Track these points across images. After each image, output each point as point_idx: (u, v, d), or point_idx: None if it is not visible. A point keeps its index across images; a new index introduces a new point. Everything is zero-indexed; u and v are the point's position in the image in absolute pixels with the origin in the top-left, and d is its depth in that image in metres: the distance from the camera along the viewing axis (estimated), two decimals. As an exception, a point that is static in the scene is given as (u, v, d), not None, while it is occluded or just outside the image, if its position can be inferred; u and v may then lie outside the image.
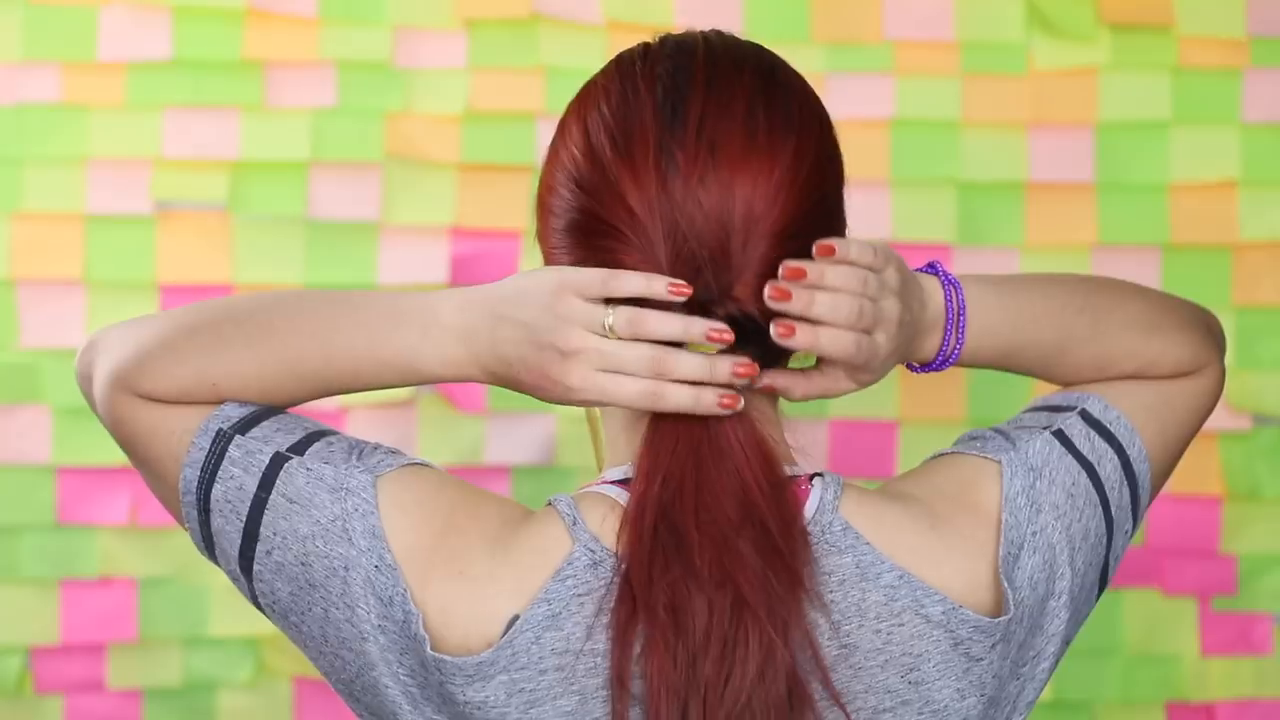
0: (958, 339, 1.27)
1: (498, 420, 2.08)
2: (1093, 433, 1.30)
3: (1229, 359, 2.08)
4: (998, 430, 1.31)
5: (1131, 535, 1.33)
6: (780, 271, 1.20)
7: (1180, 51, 2.09)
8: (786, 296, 1.19)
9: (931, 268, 1.28)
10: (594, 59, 2.08)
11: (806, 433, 2.07)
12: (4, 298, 2.07)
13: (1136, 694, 2.09)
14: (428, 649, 1.18)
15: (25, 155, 2.08)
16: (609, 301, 1.19)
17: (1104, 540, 1.29)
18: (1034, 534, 1.24)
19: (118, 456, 2.06)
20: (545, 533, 1.21)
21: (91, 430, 2.06)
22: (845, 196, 1.27)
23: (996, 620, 1.21)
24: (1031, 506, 1.25)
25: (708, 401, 1.19)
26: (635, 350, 1.19)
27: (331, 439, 1.25)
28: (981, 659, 1.22)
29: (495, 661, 1.18)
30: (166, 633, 2.08)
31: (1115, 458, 1.29)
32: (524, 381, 1.21)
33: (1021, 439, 1.28)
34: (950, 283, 1.27)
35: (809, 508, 1.21)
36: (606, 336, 1.19)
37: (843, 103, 2.08)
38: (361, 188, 2.08)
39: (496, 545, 1.20)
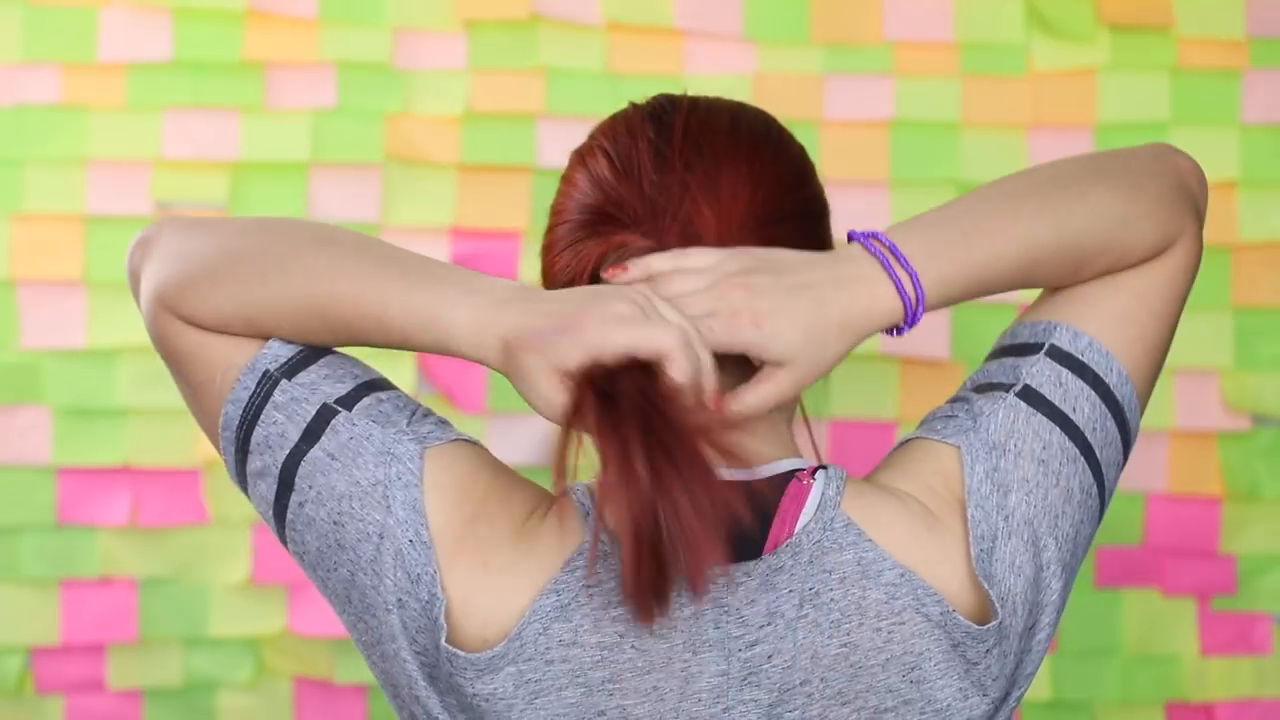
0: (910, 276, 1.23)
1: (498, 420, 2.08)
2: (1064, 372, 1.28)
3: (1228, 360, 2.10)
4: (966, 401, 1.29)
5: (1125, 462, 1.31)
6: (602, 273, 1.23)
7: (1180, 52, 2.09)
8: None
9: (849, 238, 1.25)
10: (594, 59, 2.10)
11: (805, 433, 2.08)
12: (4, 298, 2.07)
13: (1136, 694, 2.10)
14: (443, 639, 1.18)
15: (25, 156, 2.08)
16: None
17: (1093, 490, 1.27)
18: (1006, 518, 1.24)
19: (117, 456, 2.07)
20: (562, 523, 1.22)
21: (91, 430, 2.06)
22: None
23: (987, 627, 1.21)
24: (999, 490, 1.24)
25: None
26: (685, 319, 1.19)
27: (382, 395, 1.24)
28: (978, 663, 1.22)
29: (505, 654, 1.19)
30: (166, 633, 2.08)
31: (1091, 394, 1.27)
32: (549, 327, 1.16)
33: (984, 412, 1.26)
34: (864, 235, 1.24)
35: (810, 503, 1.22)
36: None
37: (843, 103, 2.09)
38: (361, 188, 2.08)
39: (521, 537, 1.21)
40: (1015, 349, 1.31)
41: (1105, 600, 2.10)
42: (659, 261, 1.22)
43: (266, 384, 1.23)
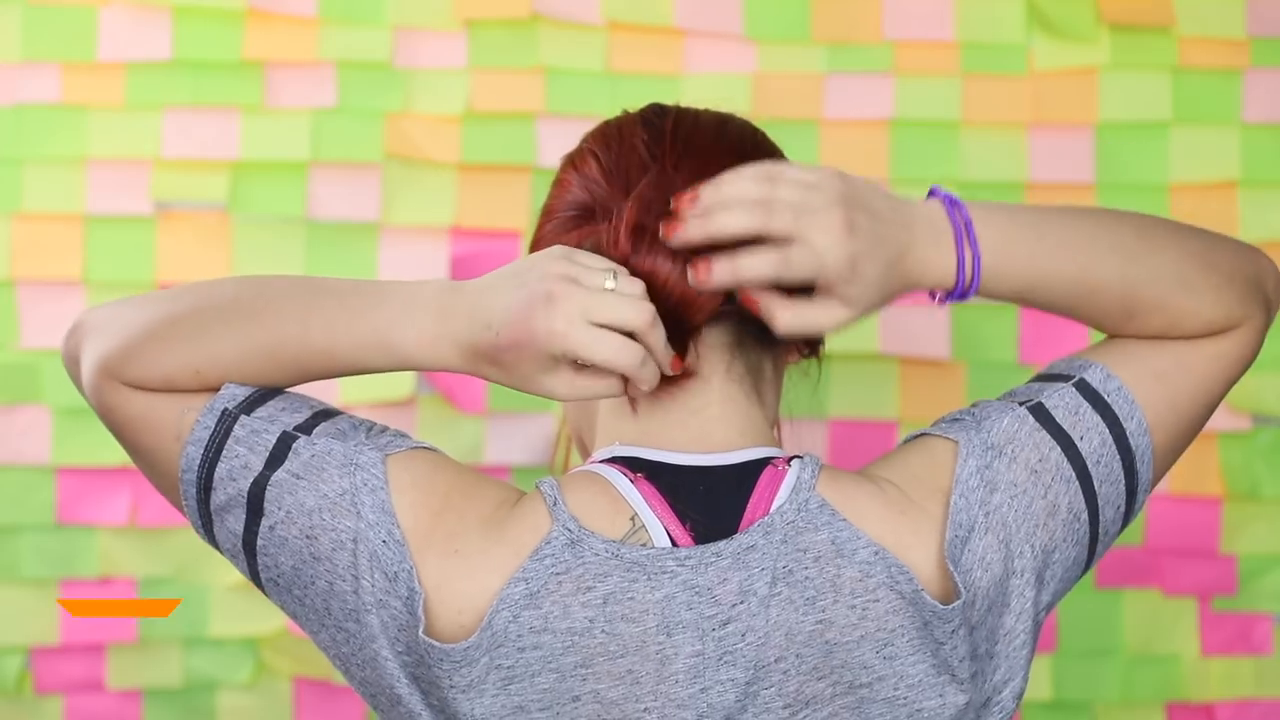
0: (973, 255, 1.27)
1: (498, 420, 2.10)
2: (1085, 405, 1.31)
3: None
4: (978, 406, 1.34)
5: (1130, 511, 1.35)
6: (672, 205, 1.25)
7: (1180, 51, 2.11)
8: (678, 226, 1.23)
9: (931, 193, 1.30)
10: (594, 59, 2.12)
11: (807, 432, 2.11)
12: (4, 298, 2.10)
13: (1136, 694, 2.12)
14: (420, 632, 1.21)
15: (25, 155, 2.10)
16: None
17: (1083, 515, 1.31)
18: (986, 514, 1.27)
19: (118, 457, 2.08)
20: (530, 514, 1.26)
21: (91, 430, 2.08)
22: None
23: (951, 606, 1.24)
24: (985, 487, 1.28)
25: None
26: (634, 305, 1.23)
27: (338, 418, 1.30)
28: (945, 643, 1.26)
29: (479, 645, 1.22)
30: (166, 633, 2.10)
31: (1106, 431, 1.31)
32: (501, 345, 1.23)
33: (990, 418, 1.31)
34: (950, 199, 1.29)
35: (786, 486, 1.26)
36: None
37: (843, 103, 2.11)
38: (361, 188, 2.10)
39: (490, 525, 1.26)
40: (1049, 376, 1.35)
41: (1106, 600, 2.11)
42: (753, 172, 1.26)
43: (226, 421, 1.28)
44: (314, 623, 1.29)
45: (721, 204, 1.24)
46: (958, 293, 1.28)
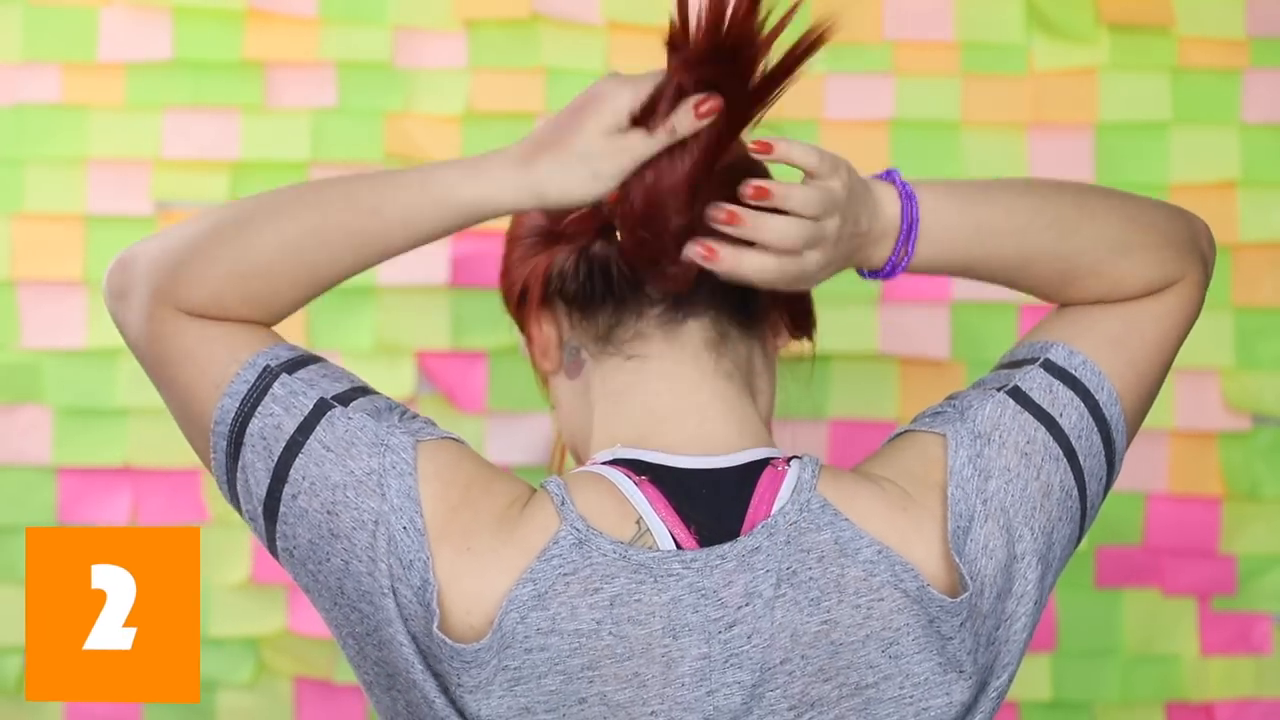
0: (907, 252, 1.31)
1: (498, 420, 2.11)
2: (1056, 383, 1.34)
3: (1229, 359, 2.12)
4: (956, 399, 1.35)
5: (1109, 480, 1.38)
6: (743, 191, 1.25)
7: (1180, 52, 2.11)
8: (736, 220, 1.25)
9: (889, 175, 1.31)
10: (594, 59, 2.12)
11: (807, 433, 2.11)
12: (4, 298, 2.10)
13: (1136, 694, 2.12)
14: (435, 625, 1.22)
15: (25, 155, 2.11)
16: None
17: (1074, 492, 1.33)
18: (984, 502, 1.29)
19: (118, 456, 2.09)
20: (539, 513, 1.27)
21: (92, 430, 2.09)
22: None
23: (959, 600, 1.25)
24: (980, 475, 1.29)
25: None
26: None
27: (375, 396, 1.31)
28: (952, 638, 1.26)
29: (489, 647, 1.22)
30: (167, 633, 2.10)
31: (1080, 404, 1.34)
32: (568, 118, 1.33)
33: (972, 407, 1.33)
34: (907, 195, 1.31)
35: (786, 486, 1.27)
36: None
37: (843, 103, 2.11)
38: (361, 188, 2.10)
39: (502, 523, 1.26)
40: (1012, 363, 1.37)
41: (1105, 600, 2.12)
42: (803, 153, 1.28)
43: (266, 378, 1.28)
44: (327, 600, 1.29)
45: (783, 211, 1.27)
46: (879, 275, 1.33)
